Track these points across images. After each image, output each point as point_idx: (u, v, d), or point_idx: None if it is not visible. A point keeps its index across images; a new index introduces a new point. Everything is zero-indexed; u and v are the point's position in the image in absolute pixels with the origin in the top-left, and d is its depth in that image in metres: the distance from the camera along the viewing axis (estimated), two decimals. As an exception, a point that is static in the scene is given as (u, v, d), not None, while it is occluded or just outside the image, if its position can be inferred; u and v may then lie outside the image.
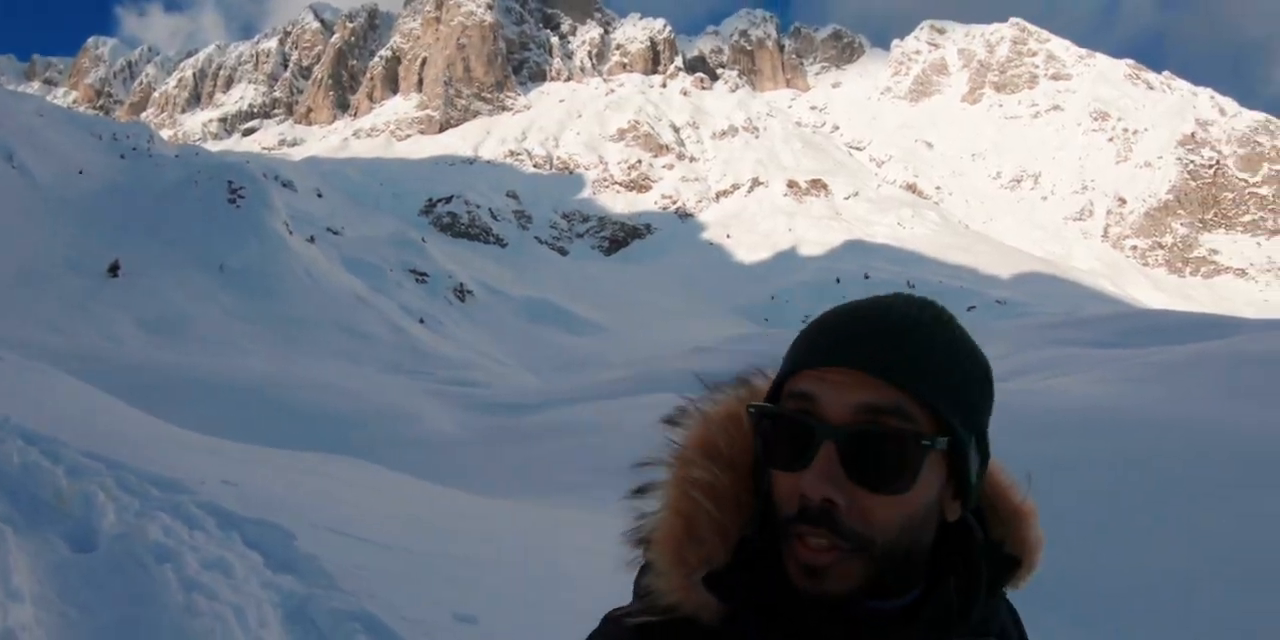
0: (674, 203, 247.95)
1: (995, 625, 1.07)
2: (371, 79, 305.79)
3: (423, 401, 30.91)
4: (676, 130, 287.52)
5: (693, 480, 1.04)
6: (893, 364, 0.96)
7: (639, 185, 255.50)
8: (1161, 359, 20.71)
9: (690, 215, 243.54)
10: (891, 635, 0.97)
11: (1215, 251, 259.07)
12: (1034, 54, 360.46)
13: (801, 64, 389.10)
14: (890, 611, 0.98)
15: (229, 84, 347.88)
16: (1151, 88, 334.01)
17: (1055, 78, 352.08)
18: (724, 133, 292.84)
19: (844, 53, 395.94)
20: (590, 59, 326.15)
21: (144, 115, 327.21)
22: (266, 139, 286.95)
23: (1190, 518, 9.37)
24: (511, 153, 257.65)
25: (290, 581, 5.82)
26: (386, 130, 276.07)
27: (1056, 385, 19.14)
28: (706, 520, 1.02)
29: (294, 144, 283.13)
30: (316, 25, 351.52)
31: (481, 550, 8.22)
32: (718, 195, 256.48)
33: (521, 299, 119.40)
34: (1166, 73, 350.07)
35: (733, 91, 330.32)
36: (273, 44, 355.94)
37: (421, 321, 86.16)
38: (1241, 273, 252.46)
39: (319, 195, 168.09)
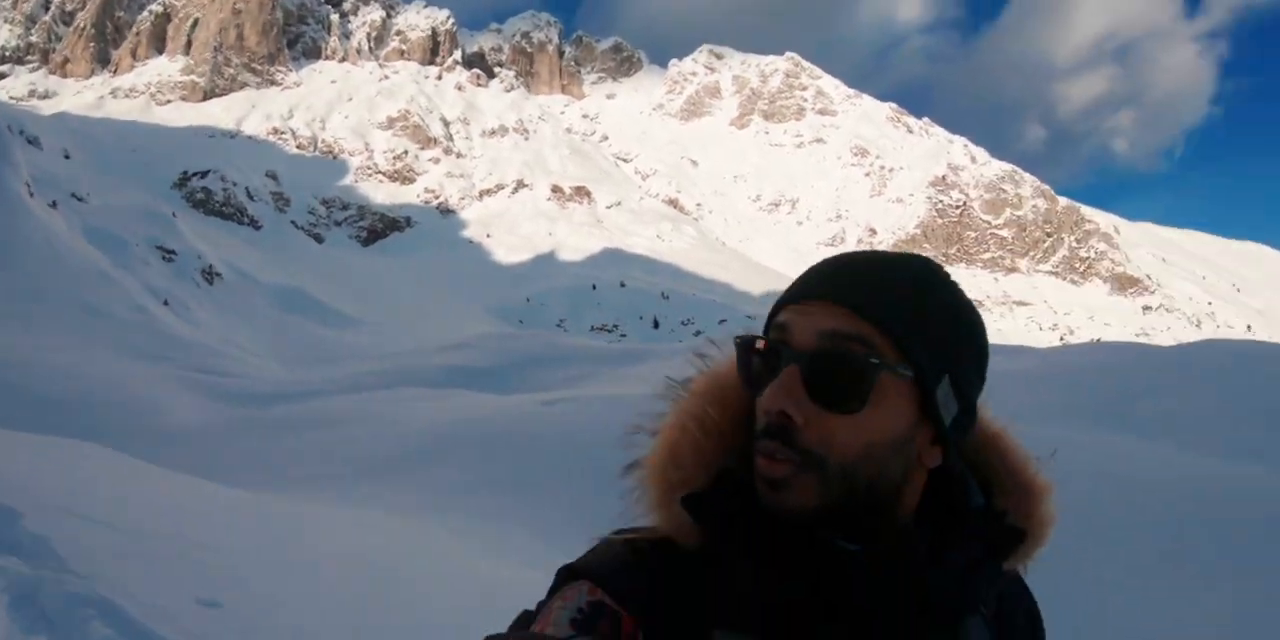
0: (437, 197, 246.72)
1: (985, 600, 1.10)
2: (138, 34, 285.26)
3: (168, 389, 30.33)
4: (447, 124, 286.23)
5: (686, 412, 1.10)
6: (861, 296, 1.02)
7: (403, 177, 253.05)
8: None
9: (452, 212, 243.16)
10: (855, 568, 1.00)
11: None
12: (805, 88, 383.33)
13: (579, 72, 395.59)
14: (856, 552, 1.02)
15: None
16: (911, 131, 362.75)
17: (822, 112, 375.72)
18: (494, 132, 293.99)
19: (622, 66, 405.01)
20: (369, 42, 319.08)
21: None
22: (15, 88, 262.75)
23: None
24: (276, 130, 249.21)
25: (15, 564, 5.34)
26: (147, 92, 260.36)
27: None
28: (690, 446, 1.08)
29: (45, 96, 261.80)
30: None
31: (227, 538, 7.89)
32: (481, 194, 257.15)
33: (274, 286, 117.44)
34: (927, 119, 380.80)
35: (508, 91, 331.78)
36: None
37: (166, 303, 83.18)
38: (979, 304, 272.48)
39: (66, 156, 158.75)
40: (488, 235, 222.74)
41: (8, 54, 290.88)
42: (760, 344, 1.05)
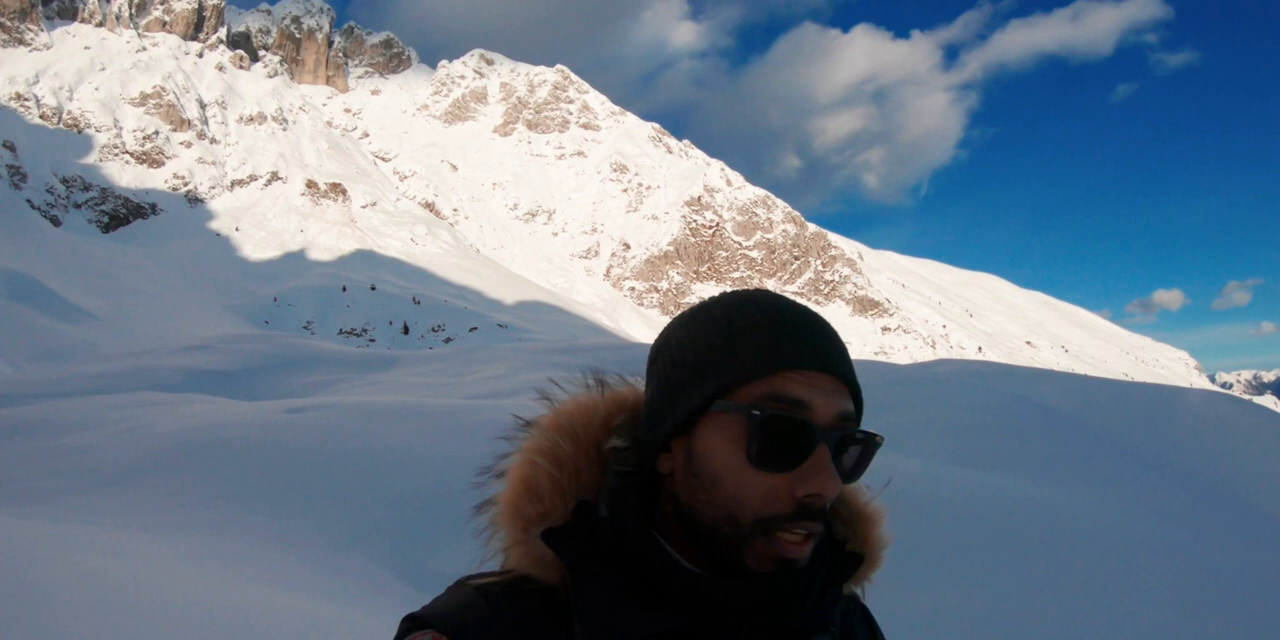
0: (186, 184, 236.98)
1: (834, 620, 1.13)
2: None
3: None
4: (203, 107, 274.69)
5: (536, 448, 1.12)
6: (851, 372, 1.09)
7: (152, 159, 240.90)
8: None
9: (201, 201, 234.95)
10: (737, 598, 1.03)
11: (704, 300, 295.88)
12: (572, 101, 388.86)
13: (346, 64, 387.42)
14: (738, 583, 1.05)
15: None
16: (671, 151, 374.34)
17: (586, 126, 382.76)
18: (252, 118, 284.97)
19: (391, 62, 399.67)
20: (130, 8, 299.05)
21: None
22: None
23: None
24: (18, 96, 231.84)
25: None
26: None
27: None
28: (546, 480, 1.10)
29: None
30: None
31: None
32: (233, 184, 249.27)
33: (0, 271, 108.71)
34: (688, 141, 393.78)
35: (270, 77, 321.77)
36: None
37: None
38: None
39: None
40: (236, 229, 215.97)
41: None
42: (781, 421, 1.02)
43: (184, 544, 8.93)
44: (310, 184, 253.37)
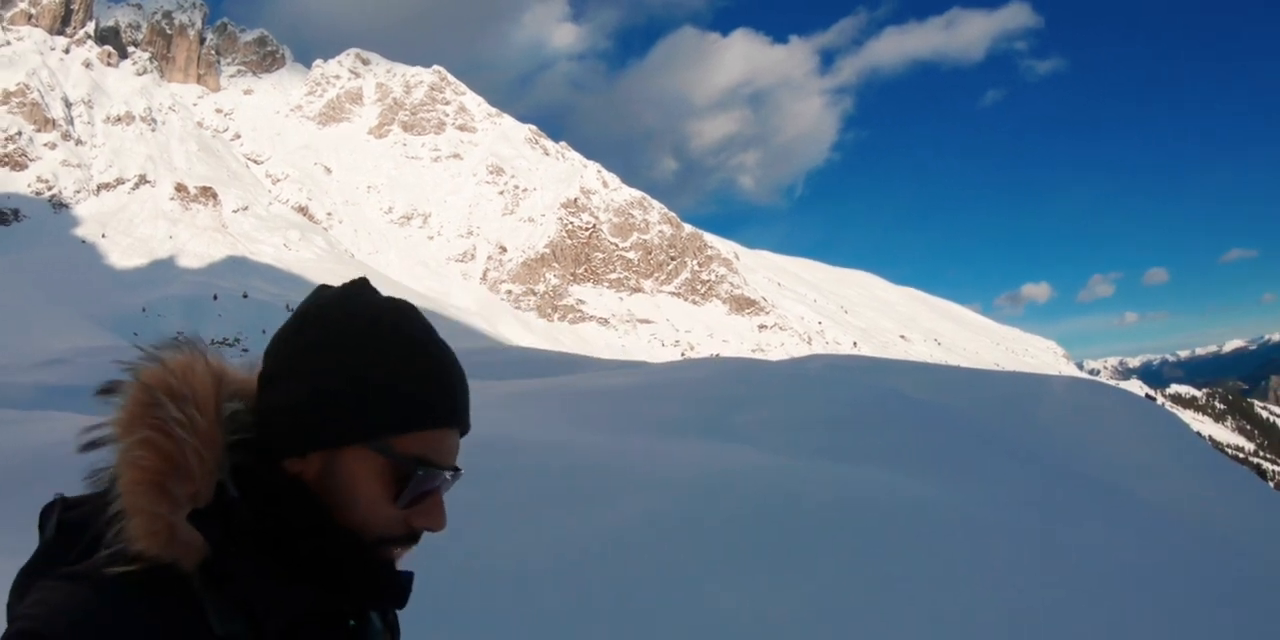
0: (50, 188, 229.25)
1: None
2: None
3: None
4: (69, 106, 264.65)
5: (171, 417, 1.05)
6: (468, 424, 1.24)
7: (14, 161, 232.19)
8: (514, 390, 22.86)
9: (66, 206, 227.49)
10: (385, 575, 1.16)
11: (582, 301, 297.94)
12: (448, 103, 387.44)
13: (218, 62, 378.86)
14: (387, 562, 1.18)
15: None
16: (548, 153, 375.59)
17: (462, 128, 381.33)
18: (120, 118, 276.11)
19: (265, 60, 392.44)
20: None
21: None
22: None
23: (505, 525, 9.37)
24: None
25: None
26: None
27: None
28: (195, 458, 1.05)
29: None
30: None
31: None
32: (99, 188, 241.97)
33: None
34: (564, 143, 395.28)
35: (140, 75, 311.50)
36: None
37: None
38: (604, 321, 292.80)
39: None
40: (103, 235, 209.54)
41: None
42: (450, 474, 1.17)
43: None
44: (180, 187, 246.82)
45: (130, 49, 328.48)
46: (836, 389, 16.89)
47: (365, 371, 1.12)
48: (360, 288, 1.22)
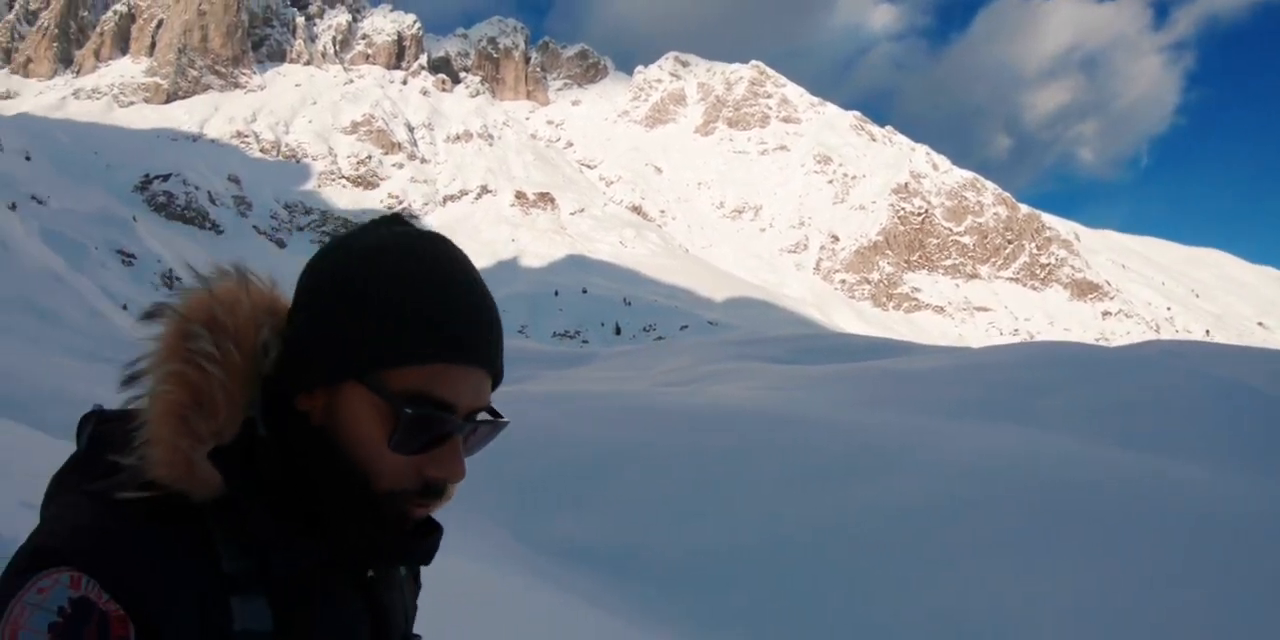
0: (400, 203, 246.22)
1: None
2: (101, 34, 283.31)
3: (112, 389, 28.14)
4: (411, 129, 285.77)
5: (203, 352, 1.01)
6: (501, 363, 1.09)
7: (366, 182, 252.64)
8: (818, 373, 23.31)
9: (416, 217, 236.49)
10: (399, 526, 1.04)
11: (917, 289, 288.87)
12: (769, 96, 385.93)
13: (545, 78, 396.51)
14: (403, 513, 1.07)
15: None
16: (874, 139, 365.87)
17: (786, 120, 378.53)
18: (459, 137, 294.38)
19: (588, 72, 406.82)
20: (334, 45, 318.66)
21: None
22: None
23: (790, 499, 10.56)
24: (239, 134, 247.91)
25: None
26: (110, 93, 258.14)
27: (715, 391, 20.79)
28: (221, 392, 1.01)
29: (7, 97, 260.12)
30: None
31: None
32: (445, 199, 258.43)
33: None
34: (890, 127, 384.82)
35: (473, 97, 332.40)
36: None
37: (125, 307, 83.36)
38: (940, 310, 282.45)
39: (27, 158, 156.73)
40: None
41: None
42: (464, 418, 1.04)
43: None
44: (519, 195, 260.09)
45: (461, 75, 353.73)
46: (1162, 376, 16.84)
47: (362, 300, 1.03)
48: (389, 218, 1.12)
